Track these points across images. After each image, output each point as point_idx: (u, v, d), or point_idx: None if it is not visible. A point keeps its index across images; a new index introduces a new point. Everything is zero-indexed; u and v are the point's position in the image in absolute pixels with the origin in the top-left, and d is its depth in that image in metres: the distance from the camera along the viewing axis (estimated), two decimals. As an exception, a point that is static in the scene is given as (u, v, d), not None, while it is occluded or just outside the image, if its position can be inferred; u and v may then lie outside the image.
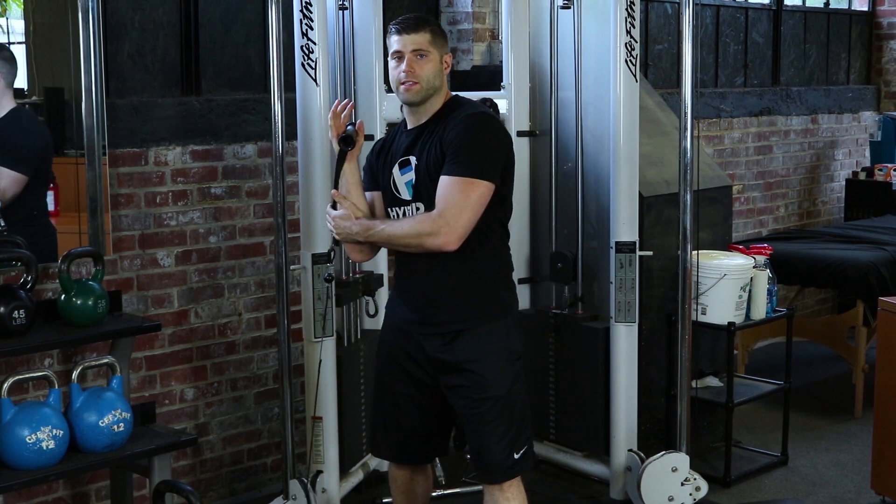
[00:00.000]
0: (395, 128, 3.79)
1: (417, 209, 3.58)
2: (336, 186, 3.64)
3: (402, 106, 3.66)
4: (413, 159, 3.59)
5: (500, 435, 3.62)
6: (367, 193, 3.71)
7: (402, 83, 3.54)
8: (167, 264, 4.80)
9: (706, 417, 5.50)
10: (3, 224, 4.20)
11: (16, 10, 4.45)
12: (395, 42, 3.55)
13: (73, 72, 4.43)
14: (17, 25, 4.47)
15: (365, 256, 3.76)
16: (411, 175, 3.58)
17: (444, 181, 3.46)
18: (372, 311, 4.85)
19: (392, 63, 3.57)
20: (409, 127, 3.66)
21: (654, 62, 7.00)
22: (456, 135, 3.48)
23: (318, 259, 4.34)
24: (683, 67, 4.55)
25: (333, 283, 4.32)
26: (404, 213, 3.62)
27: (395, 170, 3.61)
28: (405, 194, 3.60)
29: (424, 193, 3.56)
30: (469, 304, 3.63)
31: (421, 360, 3.69)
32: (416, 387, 3.73)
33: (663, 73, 7.07)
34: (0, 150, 4.30)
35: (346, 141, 3.56)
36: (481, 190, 3.45)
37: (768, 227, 7.80)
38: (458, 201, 3.43)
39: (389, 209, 3.66)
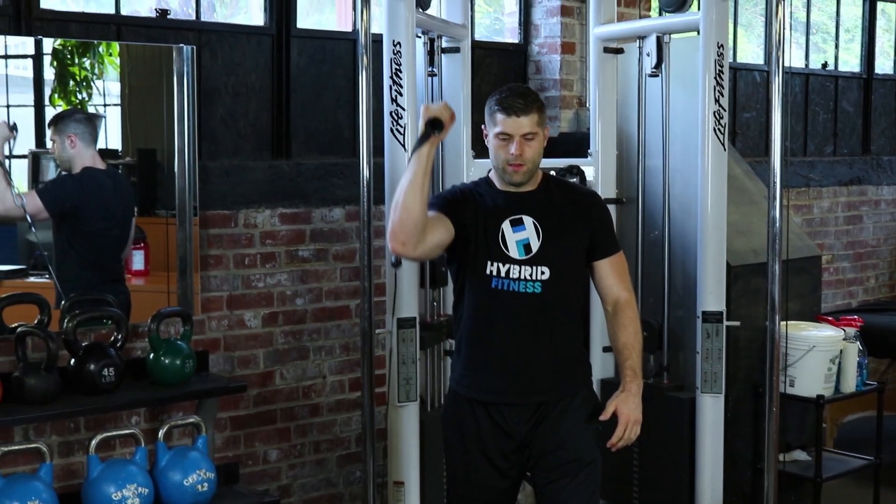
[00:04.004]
0: (475, 184, 3.72)
1: (542, 272, 3.52)
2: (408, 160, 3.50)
3: (490, 171, 3.66)
4: (529, 220, 3.55)
5: (587, 499, 3.58)
6: (430, 212, 3.49)
7: (510, 164, 3.51)
8: (254, 325, 4.84)
9: (793, 492, 5.39)
10: (37, 240, 4.34)
11: (112, 73, 4.55)
12: (502, 122, 3.48)
13: (166, 134, 4.52)
14: (114, 88, 4.57)
15: (413, 239, 3.42)
16: (524, 234, 3.54)
17: (614, 261, 3.66)
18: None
19: (497, 142, 3.51)
20: (500, 188, 3.61)
21: (742, 130, 6.96)
22: (604, 216, 3.71)
23: (403, 324, 4.35)
24: (772, 136, 4.51)
25: (400, 266, 4.28)
26: (508, 273, 3.52)
27: (506, 225, 3.54)
28: (514, 253, 3.53)
29: (550, 257, 3.53)
30: (569, 372, 3.63)
31: (501, 440, 3.60)
32: (498, 477, 3.63)
33: (751, 142, 7.03)
34: (48, 183, 4.39)
35: (435, 124, 3.41)
36: None
37: (858, 298, 7.68)
38: (627, 271, 3.72)
39: (489, 262, 3.54)
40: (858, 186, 7.67)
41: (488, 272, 3.55)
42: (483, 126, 3.60)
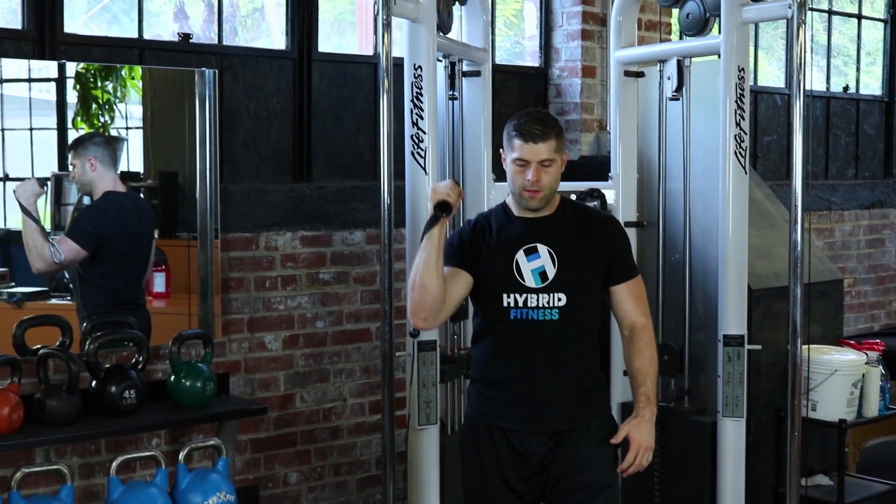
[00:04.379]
0: (489, 213, 3.73)
1: (559, 299, 3.52)
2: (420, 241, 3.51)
3: (508, 194, 3.66)
4: (544, 247, 3.55)
5: None
6: (445, 268, 3.51)
7: (527, 190, 3.51)
8: (274, 348, 4.85)
9: (816, 517, 5.36)
10: (66, 278, 4.40)
11: (134, 97, 4.58)
12: (519, 148, 3.48)
13: (188, 157, 4.55)
14: (136, 111, 4.60)
15: (433, 319, 3.53)
16: (539, 263, 3.54)
17: (631, 286, 3.64)
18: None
19: (514, 167, 3.51)
20: (517, 214, 3.62)
21: (763, 153, 6.95)
22: (621, 241, 3.69)
23: (423, 347, 4.34)
24: (794, 159, 4.50)
25: (418, 336, 4.28)
26: (526, 302, 3.52)
27: (520, 255, 3.55)
28: (530, 282, 3.53)
29: (567, 283, 3.52)
30: (588, 398, 3.62)
31: (519, 464, 3.59)
32: (515, 500, 3.61)
33: (773, 165, 7.02)
34: (74, 223, 4.44)
35: (443, 207, 3.45)
36: None
37: (880, 321, 7.64)
38: (644, 296, 3.70)
39: (505, 294, 3.54)
40: (880, 209, 7.65)
41: (506, 304, 3.54)
42: (502, 150, 3.60)
